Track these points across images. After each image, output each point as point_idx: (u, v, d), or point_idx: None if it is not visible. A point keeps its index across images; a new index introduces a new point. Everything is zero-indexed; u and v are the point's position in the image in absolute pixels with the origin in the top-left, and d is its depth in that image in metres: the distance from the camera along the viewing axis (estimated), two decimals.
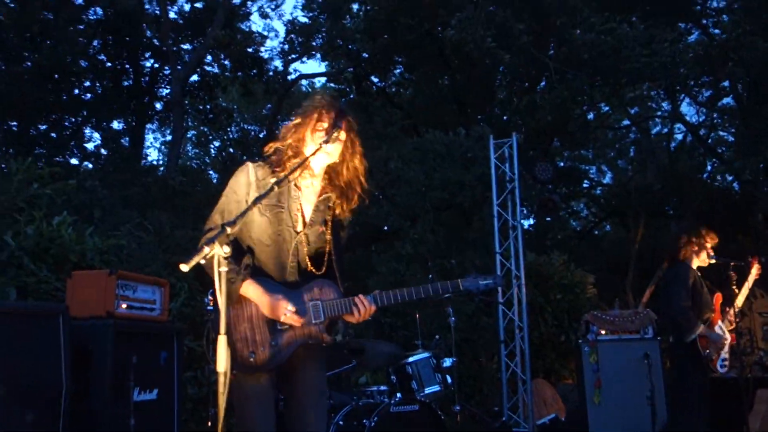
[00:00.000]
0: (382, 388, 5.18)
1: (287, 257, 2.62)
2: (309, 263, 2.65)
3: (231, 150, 21.39)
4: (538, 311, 9.28)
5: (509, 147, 8.48)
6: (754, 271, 5.25)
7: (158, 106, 17.71)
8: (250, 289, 2.54)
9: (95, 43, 15.50)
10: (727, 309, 5.00)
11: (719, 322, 4.99)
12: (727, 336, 4.98)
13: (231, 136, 22.03)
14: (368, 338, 5.37)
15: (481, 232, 9.80)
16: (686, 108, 19.07)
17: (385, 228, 13.98)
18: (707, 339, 4.84)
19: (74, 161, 15.55)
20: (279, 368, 2.59)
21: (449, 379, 5.13)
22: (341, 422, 4.67)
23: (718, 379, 6.30)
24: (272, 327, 2.55)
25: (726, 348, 4.92)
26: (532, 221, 9.89)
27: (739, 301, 5.13)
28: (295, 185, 2.66)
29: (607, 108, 15.86)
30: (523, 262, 8.24)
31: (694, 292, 4.91)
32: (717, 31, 9.30)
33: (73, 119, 15.75)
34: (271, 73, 16.88)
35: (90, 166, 15.77)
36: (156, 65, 16.81)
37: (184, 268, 2.00)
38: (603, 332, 6.75)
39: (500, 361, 8.00)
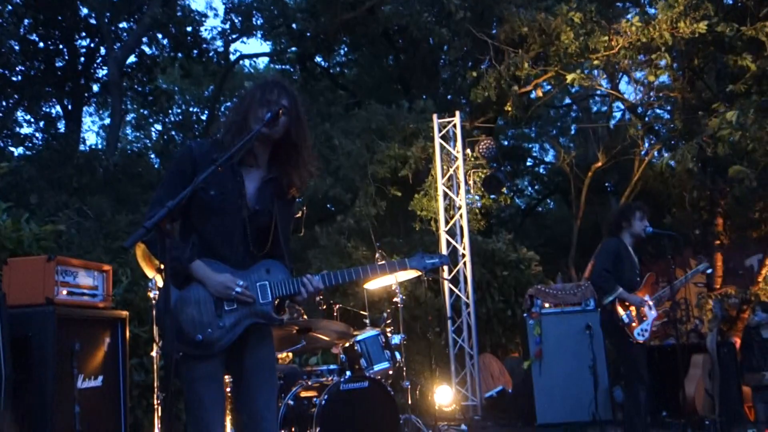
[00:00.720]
0: (332, 367, 5.20)
1: (232, 238, 2.59)
2: (253, 244, 2.62)
3: (173, 133, 20.91)
4: (485, 288, 9.44)
5: (453, 126, 8.55)
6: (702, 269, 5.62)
7: (95, 88, 17.12)
8: (197, 269, 2.50)
9: (26, 21, 14.85)
10: (673, 283, 5.19)
11: (646, 296, 5.19)
12: (654, 311, 5.17)
13: (172, 118, 21.54)
14: (317, 318, 5.37)
15: (426, 209, 9.85)
16: (624, 87, 19.59)
17: (329, 206, 13.95)
18: (627, 302, 5.03)
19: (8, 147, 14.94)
20: (227, 349, 2.57)
21: (398, 356, 5.19)
22: (291, 402, 4.68)
23: (656, 347, 6.58)
24: (220, 308, 2.52)
25: (649, 321, 5.09)
26: (477, 199, 9.97)
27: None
28: (240, 165, 2.61)
29: (548, 87, 16.14)
30: (468, 240, 8.36)
31: (618, 263, 5.12)
32: (654, 10, 9.53)
33: (4, 102, 15.09)
34: (211, 54, 16.51)
35: (24, 151, 15.20)
36: (92, 45, 16.23)
37: (128, 245, 1.97)
38: (547, 305, 6.93)
39: (448, 337, 8.13)
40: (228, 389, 3.18)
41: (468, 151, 8.76)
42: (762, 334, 6.81)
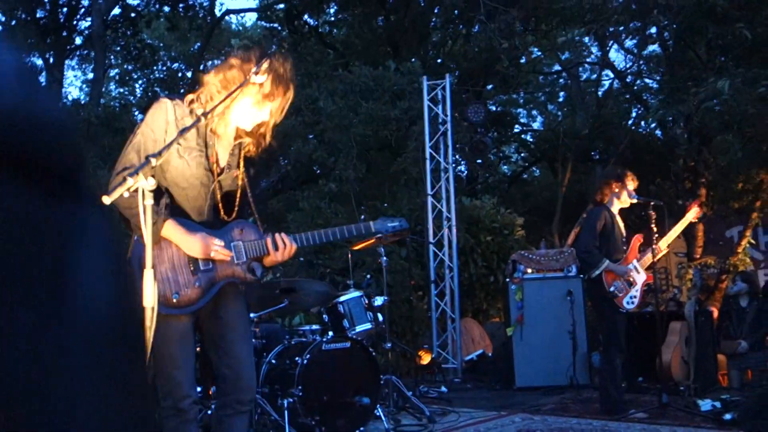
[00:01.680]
0: (315, 327, 5.23)
1: (204, 201, 2.57)
2: (222, 207, 2.61)
3: (157, 89, 20.59)
4: (468, 253, 9.48)
5: (442, 88, 8.47)
6: (692, 214, 5.58)
7: (78, 41, 16.76)
8: (171, 230, 2.48)
9: None
10: (653, 247, 5.23)
11: (633, 261, 5.24)
12: (642, 274, 5.23)
13: (157, 75, 21.19)
14: (301, 278, 5.38)
15: (410, 173, 9.80)
16: (614, 55, 19.47)
17: (315, 169, 13.86)
18: (613, 273, 5.09)
19: None
20: (202, 309, 2.57)
21: (381, 318, 5.21)
22: (273, 361, 4.70)
23: (635, 314, 6.66)
24: (195, 267, 2.52)
25: (638, 287, 5.16)
26: (463, 164, 9.92)
27: (670, 237, 5.41)
28: (212, 130, 2.58)
29: (539, 53, 16.01)
30: (454, 204, 8.36)
31: (604, 233, 5.15)
32: None
33: None
34: (197, 8, 16.17)
35: None
36: None
37: (106, 200, 1.92)
38: (529, 271, 6.97)
39: (430, 301, 8.18)
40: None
41: (456, 114, 8.69)
42: (740, 303, 6.92)
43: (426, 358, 7.65)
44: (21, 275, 0.28)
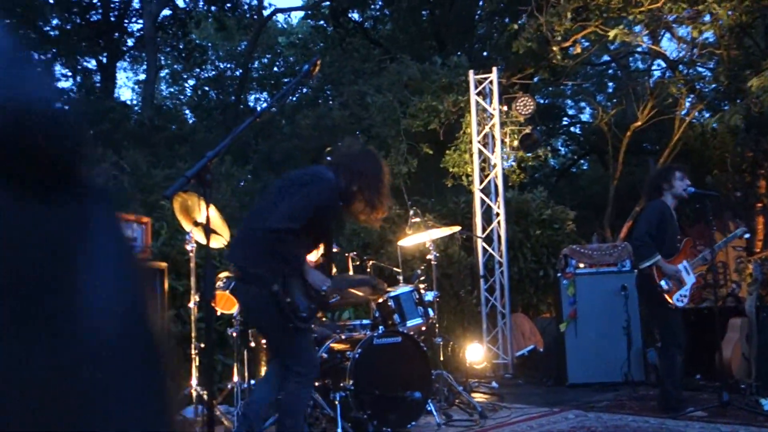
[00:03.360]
0: (365, 322, 5.24)
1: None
2: None
3: (206, 88, 20.96)
4: (517, 247, 9.37)
5: (489, 82, 8.39)
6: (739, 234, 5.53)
7: (130, 42, 17.19)
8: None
9: None
10: (698, 247, 5.13)
11: (684, 261, 5.11)
12: (692, 276, 5.10)
13: (206, 74, 21.56)
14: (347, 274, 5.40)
15: (458, 166, 9.72)
16: (666, 44, 18.95)
17: None
18: (662, 270, 4.97)
19: None
20: None
21: (431, 312, 5.19)
22: (325, 355, 4.74)
23: (692, 310, 6.49)
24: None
25: (688, 287, 5.04)
26: (511, 159, 9.79)
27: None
28: None
29: (587, 44, 15.69)
30: (503, 198, 8.28)
31: (661, 226, 5.03)
32: None
33: (41, 56, 15.24)
34: (245, 7, 16.40)
35: (60, 105, 15.34)
36: None
37: (168, 193, 1.96)
38: (581, 265, 6.85)
39: (480, 296, 8.12)
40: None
41: (504, 108, 8.59)
42: None
43: (479, 354, 7.60)
44: (15, 292, 0.25)
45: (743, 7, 9.07)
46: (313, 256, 3.81)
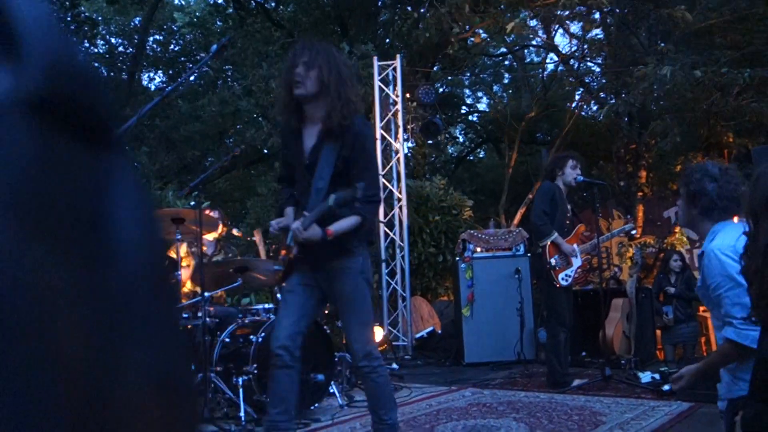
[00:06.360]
0: (268, 306, 5.22)
1: (307, 187, 3.13)
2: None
3: (96, 65, 19.90)
4: (416, 233, 9.57)
5: (393, 69, 8.49)
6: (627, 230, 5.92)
7: None
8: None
9: None
10: (587, 234, 5.47)
11: (575, 245, 5.44)
12: (579, 259, 5.44)
13: (96, 50, 20.45)
14: (253, 257, 5.35)
15: None
16: (559, 39, 19.77)
17: (265, 151, 13.71)
18: (558, 247, 5.28)
19: None
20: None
21: None
22: (227, 340, 4.69)
23: (579, 292, 6.90)
24: None
25: (574, 267, 5.37)
26: (411, 145, 9.94)
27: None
28: (302, 123, 3.13)
29: (486, 35, 16.13)
30: (405, 184, 8.43)
31: (553, 205, 5.34)
32: None
33: None
34: None
35: None
36: None
37: None
38: (478, 250, 7.11)
39: (381, 280, 8.26)
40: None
41: (408, 95, 8.72)
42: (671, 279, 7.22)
43: (377, 336, 7.74)
44: (65, 222, 0.29)
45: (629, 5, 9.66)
46: None
